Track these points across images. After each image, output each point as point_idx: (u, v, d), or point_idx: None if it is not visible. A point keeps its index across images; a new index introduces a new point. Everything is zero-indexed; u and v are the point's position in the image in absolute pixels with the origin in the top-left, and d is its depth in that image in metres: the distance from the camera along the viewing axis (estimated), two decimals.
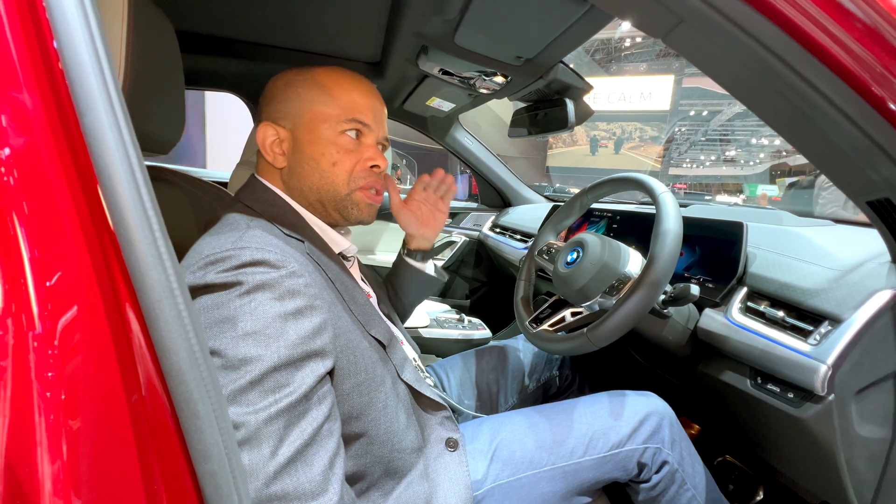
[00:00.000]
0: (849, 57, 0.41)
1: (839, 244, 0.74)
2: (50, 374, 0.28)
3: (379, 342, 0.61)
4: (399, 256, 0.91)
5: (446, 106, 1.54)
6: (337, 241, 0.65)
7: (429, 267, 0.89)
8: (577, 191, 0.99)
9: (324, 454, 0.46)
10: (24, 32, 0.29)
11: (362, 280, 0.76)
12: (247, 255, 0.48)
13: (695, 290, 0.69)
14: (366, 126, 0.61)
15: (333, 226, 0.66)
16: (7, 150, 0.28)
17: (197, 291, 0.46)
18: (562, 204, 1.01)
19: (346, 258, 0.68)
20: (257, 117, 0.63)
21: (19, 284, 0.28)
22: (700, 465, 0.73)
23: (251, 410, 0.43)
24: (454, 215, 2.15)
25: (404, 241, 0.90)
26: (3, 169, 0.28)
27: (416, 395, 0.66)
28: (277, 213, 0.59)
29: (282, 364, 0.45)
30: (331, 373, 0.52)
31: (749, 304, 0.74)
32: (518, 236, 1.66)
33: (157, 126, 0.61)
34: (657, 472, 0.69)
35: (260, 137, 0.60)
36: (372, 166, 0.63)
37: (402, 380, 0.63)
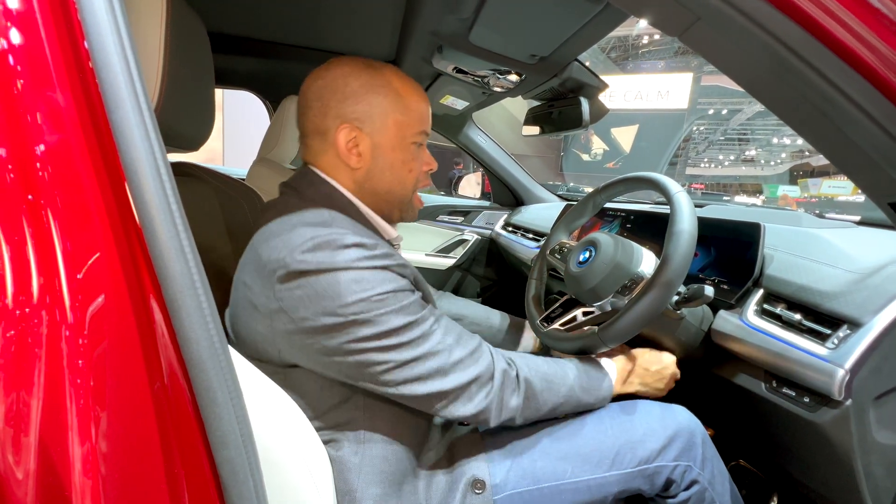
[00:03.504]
0: (873, 55, 0.40)
1: (860, 246, 0.72)
2: (80, 361, 0.29)
3: None
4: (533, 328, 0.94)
5: (460, 104, 1.55)
6: (387, 229, 0.70)
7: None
8: (590, 190, 0.98)
9: (472, 341, 0.60)
10: (56, 32, 0.31)
11: None
12: (349, 239, 0.54)
13: (709, 291, 0.68)
14: (427, 136, 0.69)
15: (386, 220, 0.70)
16: (42, 147, 0.29)
17: (315, 272, 0.53)
18: (575, 203, 1.00)
19: (393, 246, 0.72)
20: (321, 111, 0.62)
21: (52, 276, 0.29)
22: (729, 483, 0.71)
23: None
24: (466, 213, 2.15)
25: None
26: (38, 165, 0.29)
27: None
28: (337, 205, 0.63)
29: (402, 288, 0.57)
30: None
31: (765, 306, 0.73)
32: (530, 235, 1.66)
33: (189, 124, 0.62)
34: (686, 489, 0.67)
35: (341, 138, 0.61)
36: (427, 169, 0.71)
37: None
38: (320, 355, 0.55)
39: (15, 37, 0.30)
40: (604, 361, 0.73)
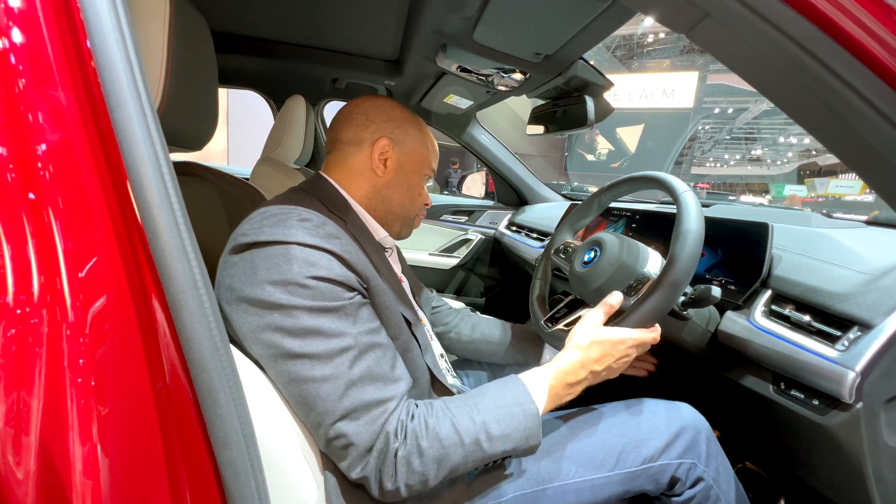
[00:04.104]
0: (886, 52, 0.40)
1: (870, 247, 0.71)
2: (81, 361, 0.29)
3: (405, 318, 0.66)
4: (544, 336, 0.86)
5: (464, 103, 1.54)
6: (377, 230, 0.73)
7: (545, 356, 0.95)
8: (595, 189, 0.97)
9: (377, 393, 0.54)
10: (59, 32, 0.31)
11: (402, 272, 0.83)
12: (299, 215, 0.57)
13: (716, 291, 0.67)
14: (434, 175, 0.79)
15: (386, 229, 0.74)
16: (44, 146, 0.29)
17: (256, 245, 0.54)
18: (580, 202, 0.99)
19: (383, 248, 0.73)
20: (365, 123, 0.70)
21: (53, 276, 0.29)
22: (734, 481, 0.71)
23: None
24: (470, 213, 2.15)
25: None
26: (39, 164, 0.29)
27: (434, 382, 0.69)
28: (326, 195, 0.67)
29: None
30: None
31: (773, 307, 0.72)
32: (535, 235, 1.65)
33: (193, 123, 0.62)
34: (691, 487, 0.67)
35: (377, 147, 0.69)
36: (425, 203, 0.81)
37: (424, 361, 0.67)
38: (240, 337, 0.53)
39: (17, 36, 0.29)
40: (538, 377, 0.62)
